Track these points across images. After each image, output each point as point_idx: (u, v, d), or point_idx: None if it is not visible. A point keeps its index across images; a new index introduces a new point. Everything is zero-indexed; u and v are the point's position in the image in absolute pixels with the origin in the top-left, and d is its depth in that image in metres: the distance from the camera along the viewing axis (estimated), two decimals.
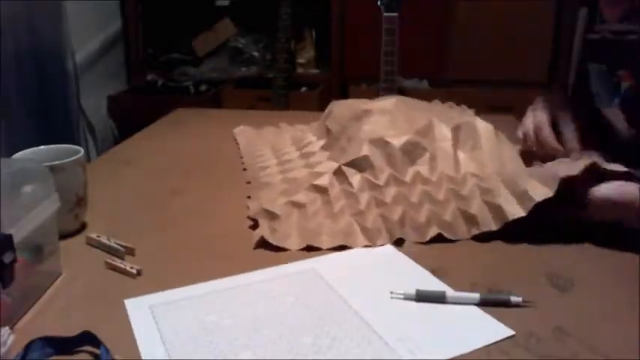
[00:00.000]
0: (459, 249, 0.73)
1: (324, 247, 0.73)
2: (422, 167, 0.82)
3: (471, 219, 0.75)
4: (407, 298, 0.60)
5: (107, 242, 0.73)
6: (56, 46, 2.16)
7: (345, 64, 2.67)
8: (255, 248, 0.74)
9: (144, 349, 0.54)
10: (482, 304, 0.59)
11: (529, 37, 2.49)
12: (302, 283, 0.65)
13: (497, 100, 2.16)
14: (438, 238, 0.74)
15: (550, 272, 0.67)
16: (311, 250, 0.73)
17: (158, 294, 0.64)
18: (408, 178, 0.80)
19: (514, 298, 0.60)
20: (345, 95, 2.69)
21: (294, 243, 0.74)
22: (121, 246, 0.72)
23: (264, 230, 0.75)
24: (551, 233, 0.73)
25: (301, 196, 0.80)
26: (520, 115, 0.93)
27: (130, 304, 0.62)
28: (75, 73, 2.27)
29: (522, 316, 0.58)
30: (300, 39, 2.74)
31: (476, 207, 0.76)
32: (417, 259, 0.70)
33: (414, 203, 0.77)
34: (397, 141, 0.83)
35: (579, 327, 0.56)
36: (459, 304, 0.60)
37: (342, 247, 0.73)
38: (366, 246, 0.74)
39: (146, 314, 0.60)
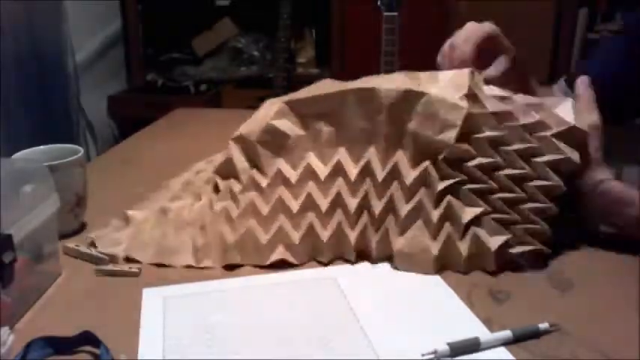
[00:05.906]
0: None
1: (144, 261, 0.68)
2: (285, 158, 0.70)
3: (319, 246, 0.68)
4: (439, 356, 0.53)
5: (87, 251, 0.70)
6: (56, 46, 2.16)
7: (345, 64, 2.67)
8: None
9: (143, 342, 0.55)
10: (516, 340, 0.55)
11: (529, 37, 2.49)
12: (318, 291, 0.64)
13: None
14: None
15: (550, 272, 0.67)
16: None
17: (175, 286, 0.64)
18: (269, 177, 0.70)
19: (542, 326, 0.56)
20: None
21: (119, 250, 0.70)
22: (103, 254, 0.69)
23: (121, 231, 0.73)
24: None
25: (178, 201, 0.75)
26: None
27: (147, 293, 0.63)
28: (75, 73, 2.27)
29: (522, 317, 0.58)
30: (300, 39, 2.73)
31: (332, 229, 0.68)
32: None
33: (265, 217, 0.68)
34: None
35: (579, 327, 0.56)
36: (495, 347, 0.55)
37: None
38: (188, 266, 0.68)
39: (157, 306, 0.61)
